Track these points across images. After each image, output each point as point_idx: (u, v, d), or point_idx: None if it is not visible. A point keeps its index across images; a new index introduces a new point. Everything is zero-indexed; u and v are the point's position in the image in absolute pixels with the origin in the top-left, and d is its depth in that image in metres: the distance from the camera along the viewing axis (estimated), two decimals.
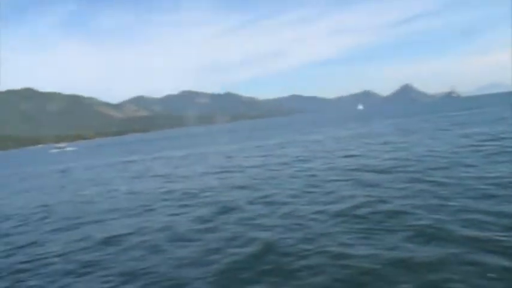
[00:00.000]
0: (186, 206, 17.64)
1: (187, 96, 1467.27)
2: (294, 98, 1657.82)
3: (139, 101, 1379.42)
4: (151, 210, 17.73)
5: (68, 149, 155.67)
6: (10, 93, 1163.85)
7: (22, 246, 14.10)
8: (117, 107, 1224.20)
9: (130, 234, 13.89)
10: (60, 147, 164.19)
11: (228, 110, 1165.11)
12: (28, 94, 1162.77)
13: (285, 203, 15.75)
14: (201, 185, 23.07)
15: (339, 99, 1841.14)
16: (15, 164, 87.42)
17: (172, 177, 28.42)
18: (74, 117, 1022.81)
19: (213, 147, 57.09)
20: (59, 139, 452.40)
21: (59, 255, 12.35)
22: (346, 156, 28.09)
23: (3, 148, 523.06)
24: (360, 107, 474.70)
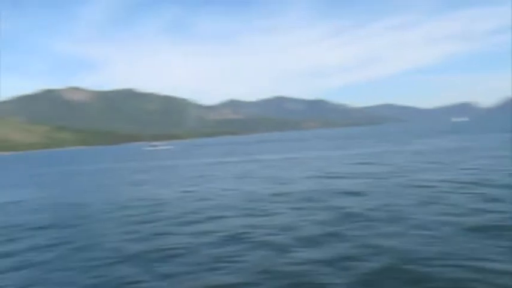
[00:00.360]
0: (301, 209, 17.51)
1: (280, 101, 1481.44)
2: (386, 107, 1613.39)
3: (232, 104, 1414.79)
4: (266, 210, 17.81)
5: (163, 147, 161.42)
6: (114, 93, 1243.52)
7: (148, 236, 14.70)
8: (211, 109, 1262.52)
9: (252, 232, 13.99)
10: (154, 145, 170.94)
11: (319, 116, 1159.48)
12: (129, 94, 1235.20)
13: (408, 213, 15.10)
14: (309, 188, 22.88)
15: (434, 110, 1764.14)
16: (120, 159, 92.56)
17: (277, 179, 28.46)
18: (169, 118, 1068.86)
19: (310, 153, 56.89)
20: (155, 138, 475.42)
21: (186, 248, 12.67)
22: (462, 169, 26.50)
23: (110, 143, 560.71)
24: (456, 119, 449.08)
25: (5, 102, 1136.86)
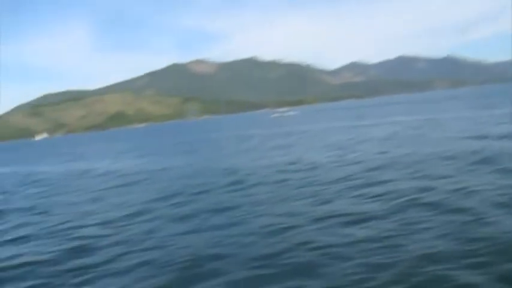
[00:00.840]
0: (475, 170, 15.88)
1: (404, 61, 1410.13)
2: None
3: (354, 66, 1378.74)
4: (435, 172, 16.24)
5: (289, 113, 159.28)
6: (238, 63, 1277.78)
7: (321, 200, 14.16)
8: (333, 73, 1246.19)
9: (432, 196, 12.78)
10: (280, 112, 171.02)
11: (449, 75, 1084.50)
12: (252, 63, 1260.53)
13: None
14: (468, 149, 20.62)
15: None
16: (251, 126, 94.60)
17: (428, 140, 26.48)
18: (293, 84, 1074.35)
19: (447, 114, 52.55)
20: (279, 104, 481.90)
21: (370, 212, 12.13)
22: None
23: (236, 112, 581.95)
24: None
25: (138, 78, 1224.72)
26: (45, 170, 40.18)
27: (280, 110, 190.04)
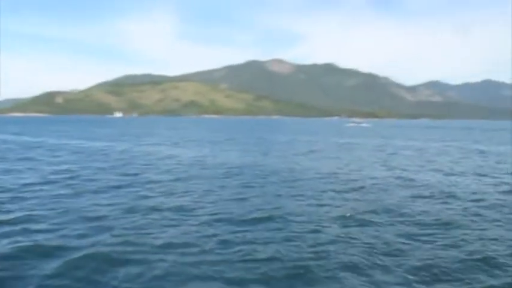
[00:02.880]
0: None
1: (489, 86, 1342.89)
2: None
3: (434, 85, 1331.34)
4: None
5: (364, 125, 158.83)
6: (315, 67, 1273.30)
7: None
8: (411, 89, 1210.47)
9: None
10: (356, 122, 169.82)
11: None
12: (329, 69, 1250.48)
13: None
14: None
15: None
16: (331, 133, 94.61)
17: None
18: (368, 95, 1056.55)
19: None
20: (352, 114, 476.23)
21: None
22: None
23: (307, 116, 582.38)
24: None
25: (215, 70, 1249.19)
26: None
27: (357, 120, 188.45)
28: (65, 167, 26.12)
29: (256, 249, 10.59)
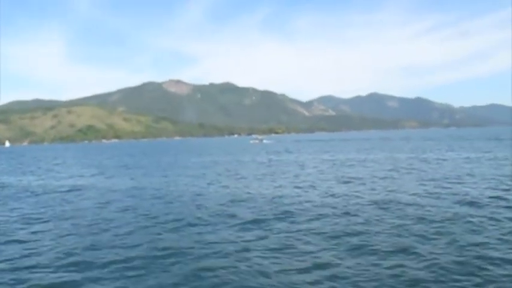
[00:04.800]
0: None
1: (376, 98, 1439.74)
2: (493, 107, 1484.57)
3: (327, 100, 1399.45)
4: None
5: (265, 141, 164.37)
6: (212, 86, 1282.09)
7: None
8: (306, 105, 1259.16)
9: None
10: (259, 139, 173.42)
11: (418, 116, 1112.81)
12: (227, 88, 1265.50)
13: None
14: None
15: None
16: (238, 152, 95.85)
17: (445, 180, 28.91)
18: (266, 112, 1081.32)
19: (448, 154, 55.77)
20: (251, 131, 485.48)
21: None
22: None
23: (207, 135, 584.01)
24: None
25: (112, 93, 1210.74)
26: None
27: (259, 137, 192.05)
28: None
29: None
